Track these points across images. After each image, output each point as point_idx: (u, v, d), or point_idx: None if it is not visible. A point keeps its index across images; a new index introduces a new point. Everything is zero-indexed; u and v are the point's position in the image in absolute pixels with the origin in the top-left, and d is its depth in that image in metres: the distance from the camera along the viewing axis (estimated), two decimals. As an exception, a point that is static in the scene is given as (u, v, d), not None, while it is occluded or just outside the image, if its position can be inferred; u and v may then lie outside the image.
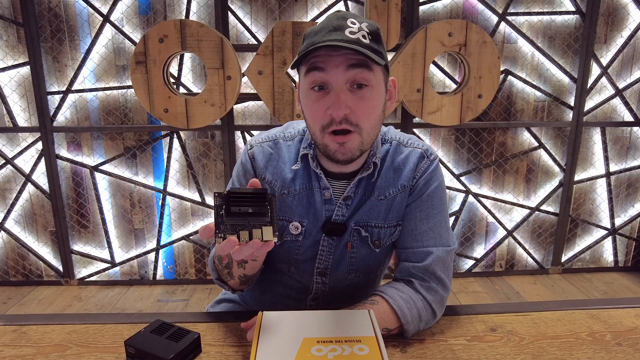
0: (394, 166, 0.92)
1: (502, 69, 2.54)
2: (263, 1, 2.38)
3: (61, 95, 2.45)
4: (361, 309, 0.77)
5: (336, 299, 0.99)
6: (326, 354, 0.61)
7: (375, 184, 0.91)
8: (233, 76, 2.28)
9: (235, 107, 2.49)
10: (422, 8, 2.42)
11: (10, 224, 2.63)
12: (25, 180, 2.55)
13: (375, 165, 0.90)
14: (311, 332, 0.66)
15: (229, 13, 2.37)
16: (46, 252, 2.68)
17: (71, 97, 2.47)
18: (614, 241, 2.84)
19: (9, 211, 2.60)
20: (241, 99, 2.47)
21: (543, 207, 2.76)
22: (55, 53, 2.41)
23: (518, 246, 2.81)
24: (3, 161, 2.53)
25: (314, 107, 0.80)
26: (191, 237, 2.69)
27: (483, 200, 2.72)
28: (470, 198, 2.71)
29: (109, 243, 2.68)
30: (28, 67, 2.40)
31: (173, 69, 2.46)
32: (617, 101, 2.63)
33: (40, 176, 2.56)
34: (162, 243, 2.69)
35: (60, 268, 2.69)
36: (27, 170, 2.55)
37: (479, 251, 2.81)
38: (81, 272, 2.72)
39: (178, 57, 2.44)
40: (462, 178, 2.68)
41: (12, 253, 2.67)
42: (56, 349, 0.78)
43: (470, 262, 2.82)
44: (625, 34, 2.53)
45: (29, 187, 2.58)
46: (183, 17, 2.37)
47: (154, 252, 2.70)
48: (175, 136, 2.55)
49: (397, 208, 0.92)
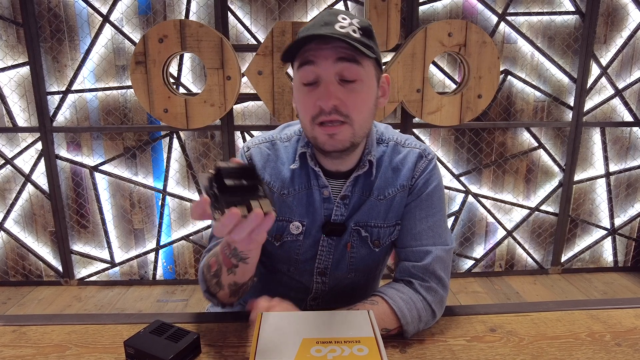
0: (392, 166, 0.92)
1: (502, 69, 2.54)
2: (263, 1, 2.38)
3: (61, 95, 2.45)
4: (361, 310, 0.77)
5: (336, 299, 0.99)
6: (325, 355, 0.60)
7: (373, 184, 0.91)
8: (233, 76, 2.28)
9: (235, 107, 2.49)
10: (422, 8, 2.42)
11: (10, 224, 2.63)
12: (24, 180, 2.55)
13: (370, 163, 0.90)
14: (310, 333, 0.66)
15: (229, 13, 2.37)
16: (46, 252, 2.68)
17: (71, 97, 2.47)
18: (614, 241, 2.85)
19: (9, 211, 2.60)
20: (241, 99, 2.47)
21: (543, 207, 2.76)
22: (54, 53, 2.41)
23: (518, 246, 2.81)
24: (3, 161, 2.53)
25: (305, 100, 0.81)
26: (191, 237, 2.69)
27: (483, 200, 2.72)
28: (470, 198, 2.71)
29: (109, 243, 2.67)
30: (28, 67, 2.40)
31: (173, 69, 2.46)
32: (617, 101, 2.63)
33: (39, 176, 2.56)
34: (162, 243, 2.69)
35: (59, 268, 2.69)
36: (27, 170, 2.54)
37: (479, 251, 2.81)
38: (81, 272, 2.72)
39: (178, 57, 2.44)
40: (462, 178, 2.68)
41: (12, 253, 2.67)
42: (56, 350, 0.78)
43: (469, 262, 2.82)
44: (624, 34, 2.53)
45: (29, 187, 2.57)
46: (183, 17, 2.37)
47: (154, 252, 2.69)
48: (175, 136, 2.55)
49: (397, 208, 0.92)
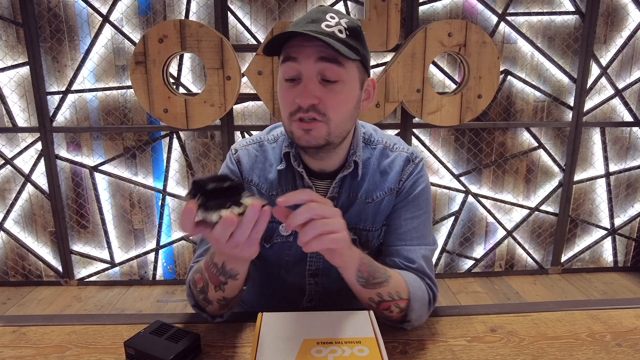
0: (381, 169, 0.93)
1: (502, 69, 2.54)
2: (263, 1, 2.38)
3: (61, 95, 2.45)
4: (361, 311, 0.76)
5: (333, 299, 0.99)
6: (326, 355, 0.60)
7: (360, 185, 0.91)
8: (233, 76, 2.28)
9: (234, 107, 2.49)
10: (422, 8, 2.42)
11: (9, 224, 2.63)
12: (24, 180, 2.55)
13: (356, 164, 0.90)
14: (311, 334, 0.66)
15: (229, 13, 2.37)
16: (46, 253, 2.68)
17: (71, 97, 2.47)
18: (614, 241, 2.85)
19: (9, 211, 2.60)
20: (241, 99, 2.47)
21: (543, 207, 2.76)
22: (54, 53, 2.40)
23: (518, 246, 2.81)
24: (2, 161, 2.52)
25: (285, 95, 0.81)
26: (191, 238, 2.69)
27: (483, 200, 2.72)
28: (470, 198, 2.71)
29: (109, 243, 2.67)
30: (27, 67, 2.40)
31: (173, 69, 2.45)
32: (617, 101, 2.63)
33: (39, 176, 2.56)
34: (162, 243, 2.68)
35: (59, 268, 2.69)
36: (27, 170, 2.54)
37: (479, 251, 2.81)
38: (81, 273, 2.72)
39: (178, 57, 2.44)
40: (462, 178, 2.68)
41: (12, 253, 2.67)
42: (55, 350, 0.78)
43: (469, 262, 2.82)
44: (624, 34, 2.53)
45: (29, 188, 2.57)
46: (183, 17, 2.37)
47: (154, 253, 2.69)
48: (174, 136, 2.54)
49: (385, 211, 0.93)
